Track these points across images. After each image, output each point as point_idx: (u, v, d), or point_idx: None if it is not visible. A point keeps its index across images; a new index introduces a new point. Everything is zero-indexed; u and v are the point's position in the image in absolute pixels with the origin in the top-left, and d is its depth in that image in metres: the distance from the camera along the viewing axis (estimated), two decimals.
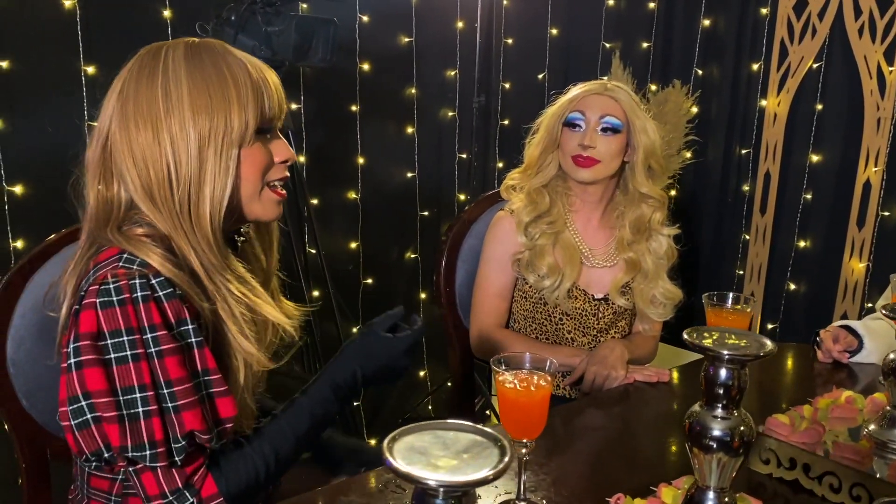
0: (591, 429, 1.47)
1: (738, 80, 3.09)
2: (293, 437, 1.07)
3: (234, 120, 1.03)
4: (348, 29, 2.68)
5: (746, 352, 0.87)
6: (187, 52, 1.05)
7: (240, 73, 1.05)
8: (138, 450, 0.92)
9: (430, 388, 3.11)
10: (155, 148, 1.02)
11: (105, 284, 0.95)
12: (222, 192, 1.04)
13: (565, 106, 1.74)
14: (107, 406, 0.92)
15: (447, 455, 0.61)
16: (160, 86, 1.02)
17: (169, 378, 0.94)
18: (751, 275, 3.06)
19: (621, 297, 1.76)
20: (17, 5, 2.06)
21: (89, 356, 0.92)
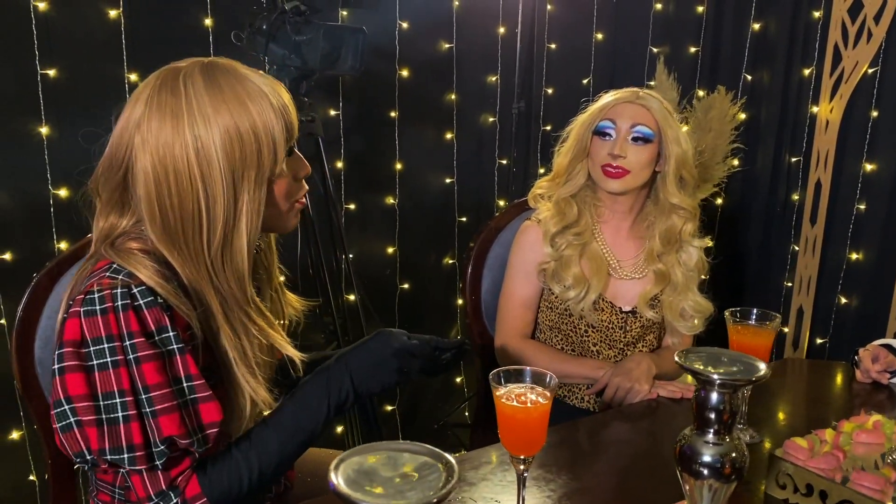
0: (606, 444, 1.44)
1: (788, 86, 2.98)
2: (278, 445, 1.06)
3: (265, 157, 1.03)
4: (388, 35, 2.69)
5: (738, 376, 0.84)
6: (206, 81, 1.03)
7: (261, 100, 1.04)
8: (116, 453, 0.95)
9: (467, 394, 3.10)
10: (186, 188, 1.02)
11: (90, 294, 0.99)
12: (257, 226, 1.05)
13: (595, 114, 1.71)
14: (86, 410, 0.95)
15: (393, 476, 0.60)
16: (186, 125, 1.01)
17: (146, 384, 0.96)
18: (799, 287, 2.96)
19: (650, 310, 1.72)
20: (64, 15, 2.14)
21: (71, 362, 0.96)
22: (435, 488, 0.59)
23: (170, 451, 0.97)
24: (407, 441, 0.65)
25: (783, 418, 1.53)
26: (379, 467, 0.62)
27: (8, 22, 2.08)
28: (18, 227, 2.18)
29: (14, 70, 2.11)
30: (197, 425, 1.00)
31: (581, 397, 1.76)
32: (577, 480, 1.24)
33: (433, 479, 0.60)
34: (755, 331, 1.43)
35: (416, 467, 0.62)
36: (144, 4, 2.24)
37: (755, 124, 3.10)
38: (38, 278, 1.40)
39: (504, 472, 1.25)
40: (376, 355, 1.11)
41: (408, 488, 0.59)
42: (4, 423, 2.24)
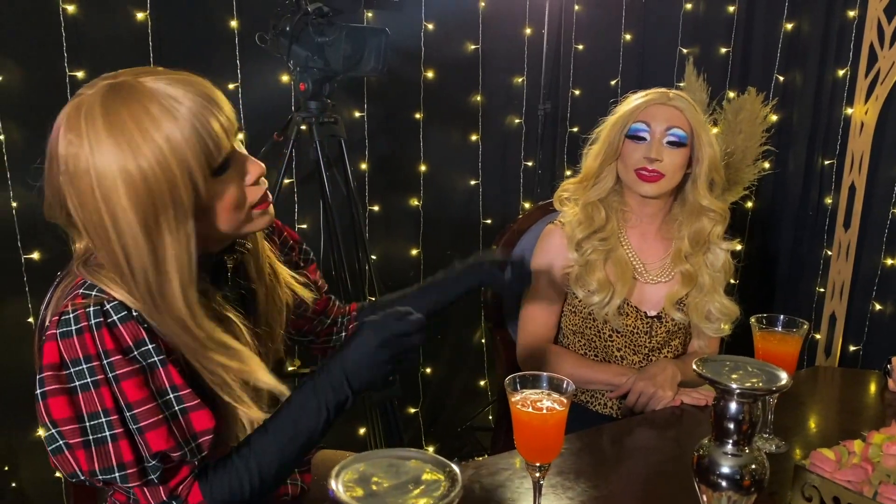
0: (626, 452, 1.42)
1: (821, 87, 2.92)
2: (278, 450, 1.03)
3: (181, 191, 0.94)
4: (413, 37, 2.69)
5: (758, 386, 0.81)
6: (104, 115, 0.92)
7: (168, 124, 0.93)
8: (107, 472, 0.93)
9: (491, 397, 3.08)
10: (104, 237, 0.95)
11: (65, 315, 0.96)
12: (188, 264, 0.97)
13: (627, 116, 1.67)
14: (73, 433, 0.93)
15: (394, 486, 0.59)
16: (91, 167, 0.92)
17: (129, 401, 0.94)
18: (832, 293, 2.89)
19: (677, 312, 1.69)
20: (92, 18, 2.17)
21: (53, 386, 0.93)
22: (436, 498, 0.57)
23: (163, 464, 0.96)
24: (411, 448, 0.63)
25: (813, 427, 1.49)
26: (380, 475, 0.60)
27: (38, 24, 2.11)
28: (46, 228, 2.19)
29: (43, 72, 2.14)
30: (189, 435, 0.98)
31: (604, 403, 1.73)
32: (595, 489, 1.22)
33: (435, 487, 0.59)
34: (782, 338, 1.40)
35: (418, 476, 0.60)
36: (171, 7, 2.26)
37: (787, 126, 3.03)
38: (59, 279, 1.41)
39: (522, 478, 1.24)
40: (364, 350, 1.04)
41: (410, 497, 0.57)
42: (31, 421, 2.27)
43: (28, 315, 2.21)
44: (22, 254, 2.18)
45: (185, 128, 0.94)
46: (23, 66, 2.11)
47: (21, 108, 2.13)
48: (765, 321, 1.41)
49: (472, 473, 1.24)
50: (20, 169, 2.15)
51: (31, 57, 2.12)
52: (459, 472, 0.60)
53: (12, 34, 2.08)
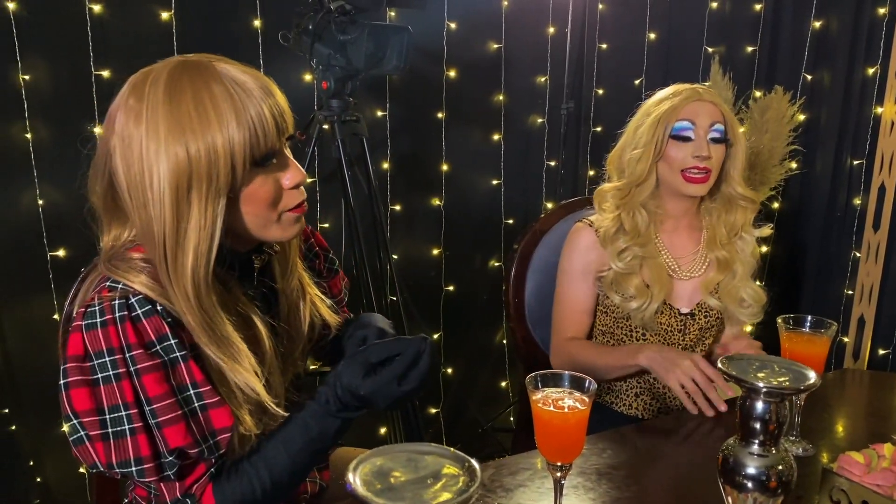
0: (650, 453, 1.39)
1: (850, 86, 2.87)
2: (288, 457, 1.03)
3: (219, 166, 0.95)
4: (436, 36, 2.68)
5: (785, 385, 0.79)
6: (168, 86, 0.96)
7: (225, 108, 0.95)
8: (123, 466, 0.93)
9: (512, 398, 3.06)
10: (140, 194, 0.97)
11: (91, 307, 0.97)
12: (208, 244, 0.97)
13: (668, 114, 1.61)
14: (92, 425, 0.93)
15: (413, 480, 0.58)
16: (143, 128, 0.95)
17: (148, 396, 0.94)
18: (861, 296, 2.84)
19: (712, 299, 1.67)
20: (118, 17, 2.19)
21: (75, 377, 0.94)
22: (455, 492, 0.56)
23: (180, 461, 0.96)
24: (429, 443, 0.62)
25: (840, 431, 1.46)
26: (399, 469, 0.59)
27: (64, 24, 2.14)
28: (72, 225, 2.21)
29: (69, 71, 2.16)
30: (207, 432, 0.98)
31: (629, 404, 1.71)
32: (618, 489, 1.20)
33: (453, 482, 0.58)
34: (809, 339, 1.37)
35: (438, 471, 0.59)
36: (195, 6, 2.28)
37: (815, 125, 2.99)
38: (85, 273, 1.42)
39: (543, 478, 1.22)
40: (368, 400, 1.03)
41: (428, 491, 0.57)
42: (56, 417, 2.28)
43: (54, 312, 2.24)
44: (48, 251, 2.21)
45: (238, 111, 0.96)
46: (50, 66, 2.14)
47: (48, 106, 2.16)
48: (792, 321, 1.38)
49: (492, 473, 1.23)
50: (47, 167, 2.17)
51: (57, 56, 2.15)
52: (478, 467, 0.59)
53: (40, 34, 2.11)
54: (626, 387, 1.71)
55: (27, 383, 2.24)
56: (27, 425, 2.26)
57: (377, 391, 1.01)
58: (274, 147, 1.01)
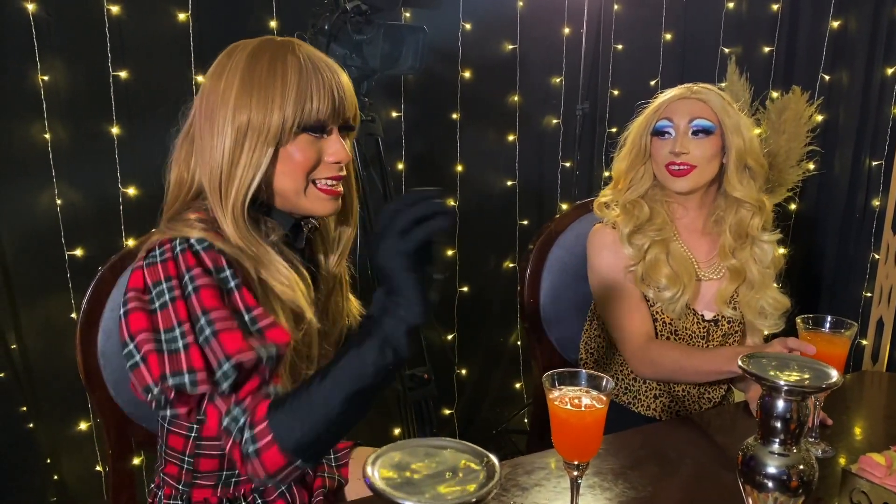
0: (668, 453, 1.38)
1: (869, 86, 2.84)
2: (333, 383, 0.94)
3: (272, 120, 1.07)
4: (451, 37, 2.68)
5: (807, 383, 0.79)
6: (253, 51, 1.10)
7: (291, 74, 1.08)
8: (177, 376, 0.94)
9: (526, 400, 3.06)
10: (208, 138, 1.09)
11: (152, 250, 1.04)
12: (248, 182, 1.09)
13: (651, 115, 1.66)
14: (147, 341, 0.96)
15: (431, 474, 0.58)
16: (221, 83, 1.09)
17: (205, 307, 0.97)
18: (879, 298, 2.80)
19: (729, 309, 1.65)
20: (135, 18, 2.20)
21: (134, 304, 0.99)
22: (474, 487, 0.56)
23: (235, 373, 0.94)
24: (448, 438, 0.62)
25: (859, 433, 1.44)
26: (417, 463, 0.59)
27: (82, 25, 2.16)
28: (89, 225, 2.25)
29: (87, 72, 2.18)
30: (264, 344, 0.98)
31: (647, 405, 1.70)
32: (634, 489, 1.19)
33: (473, 478, 0.57)
34: (829, 339, 1.35)
35: (456, 465, 0.59)
36: (212, 7, 2.29)
37: (833, 126, 2.96)
38: (102, 272, 1.43)
39: (559, 478, 1.22)
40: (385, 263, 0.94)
41: (447, 486, 0.56)
42: (73, 415, 2.31)
43: (71, 311, 2.25)
44: (66, 250, 2.22)
45: (302, 78, 1.08)
46: (68, 66, 2.16)
47: (66, 107, 2.17)
48: (811, 321, 1.36)
49: (508, 472, 1.23)
50: (65, 167, 2.19)
51: (76, 57, 2.17)
52: (497, 462, 0.59)
53: (58, 35, 2.13)
54: (644, 388, 1.70)
55: (44, 382, 2.26)
56: (44, 424, 2.28)
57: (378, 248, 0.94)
58: (324, 121, 1.10)
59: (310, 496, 1.27)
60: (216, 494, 1.19)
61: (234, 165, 1.09)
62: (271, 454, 0.92)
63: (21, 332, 2.22)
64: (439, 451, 0.61)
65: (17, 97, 2.11)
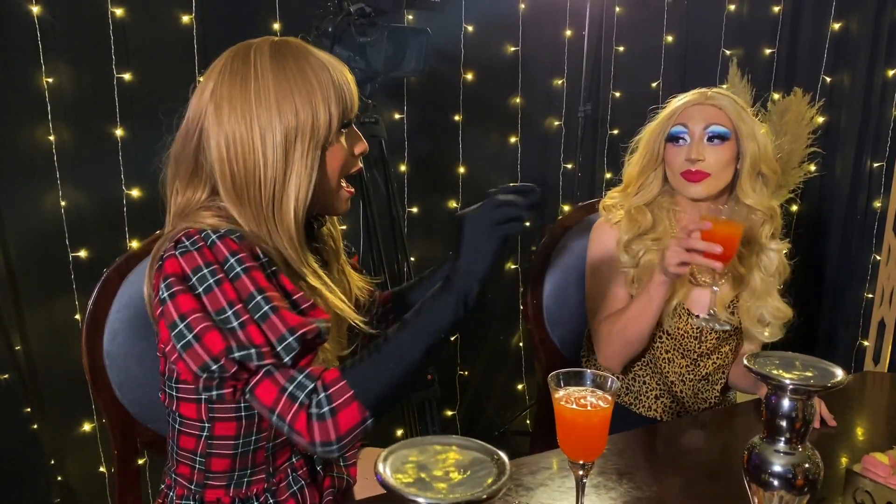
0: (672, 453, 1.39)
1: (870, 88, 2.85)
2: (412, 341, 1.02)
3: (320, 121, 1.08)
4: (453, 39, 2.69)
5: (812, 382, 0.79)
6: (272, 53, 1.09)
7: (322, 73, 1.09)
8: (243, 349, 0.95)
9: (529, 401, 3.06)
10: (248, 146, 1.07)
11: (181, 241, 1.04)
12: (307, 190, 1.09)
13: (665, 121, 1.64)
14: (202, 320, 0.97)
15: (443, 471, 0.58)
16: (252, 90, 1.07)
17: (260, 286, 0.99)
18: (881, 299, 2.81)
19: (726, 313, 1.65)
20: (139, 21, 2.21)
21: (178, 287, 0.99)
22: (485, 485, 0.56)
23: (298, 345, 0.97)
24: (458, 436, 0.63)
25: (862, 434, 1.45)
26: (429, 461, 0.60)
27: (87, 28, 2.16)
28: (93, 226, 2.25)
29: (91, 73, 2.19)
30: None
31: (648, 406, 1.70)
32: (639, 489, 1.20)
33: (483, 475, 0.58)
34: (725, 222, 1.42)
35: (466, 463, 0.59)
36: (215, 10, 2.30)
37: (834, 128, 2.97)
38: (108, 274, 1.44)
39: (563, 478, 1.22)
40: (475, 245, 1.06)
41: (457, 483, 0.57)
42: (77, 416, 2.31)
43: (75, 312, 2.26)
44: (70, 252, 2.23)
45: (334, 77, 1.10)
46: (72, 69, 2.17)
47: (71, 109, 2.18)
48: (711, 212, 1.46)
49: (512, 472, 1.23)
50: (70, 169, 2.20)
51: (80, 59, 2.17)
52: (507, 459, 0.59)
53: (63, 37, 2.14)
54: (645, 388, 1.71)
55: (49, 383, 2.26)
56: (49, 424, 2.29)
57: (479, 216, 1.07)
58: (353, 116, 1.14)
59: (320, 496, 1.28)
60: (228, 494, 1.20)
61: (288, 172, 1.08)
62: (349, 412, 0.96)
63: (25, 333, 2.22)
64: (449, 449, 0.61)
65: (22, 99, 2.12)
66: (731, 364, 1.73)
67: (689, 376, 1.68)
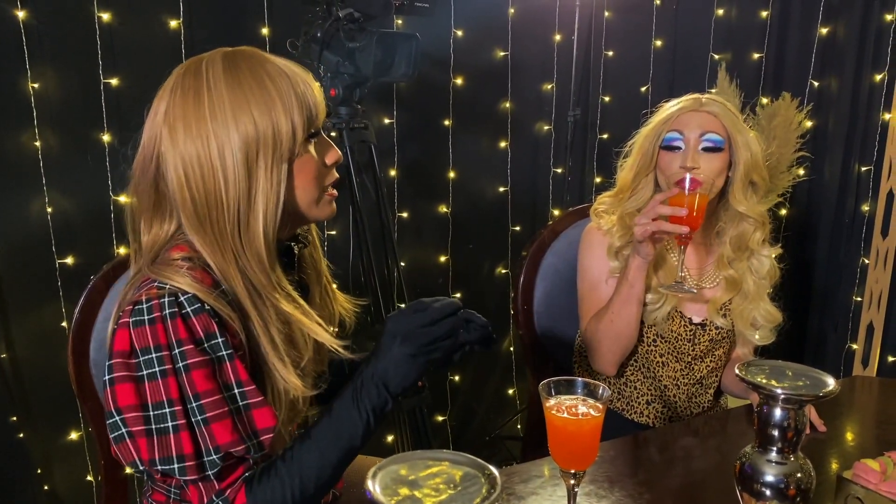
0: (664, 460, 1.39)
1: (858, 92, 2.86)
2: (319, 458, 1.01)
3: (282, 132, 1.02)
4: (442, 44, 2.69)
5: (803, 391, 0.79)
6: (226, 65, 1.02)
7: (281, 80, 1.03)
8: (166, 463, 0.93)
9: (519, 406, 3.05)
10: (207, 166, 1.01)
11: (139, 305, 0.98)
12: (275, 207, 1.03)
13: (659, 126, 1.63)
14: (136, 421, 0.93)
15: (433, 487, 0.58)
16: (206, 106, 1.00)
17: (196, 391, 0.94)
18: (869, 302, 2.82)
19: (721, 318, 1.65)
20: (127, 26, 2.20)
21: (121, 373, 0.95)
22: (476, 500, 0.56)
23: (222, 461, 0.95)
24: (448, 451, 0.62)
25: (852, 439, 1.45)
26: (419, 477, 0.59)
27: (73, 32, 2.14)
28: (80, 233, 2.23)
29: (78, 79, 2.17)
30: (251, 431, 0.98)
31: (640, 412, 1.70)
32: (630, 497, 1.19)
33: (474, 490, 0.57)
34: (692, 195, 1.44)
35: (457, 479, 0.59)
36: (204, 15, 2.29)
37: (822, 132, 2.98)
38: (94, 281, 1.42)
39: (555, 486, 1.22)
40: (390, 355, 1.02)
41: (448, 500, 0.56)
42: (64, 424, 2.29)
43: (62, 319, 2.24)
44: (56, 259, 2.21)
45: (294, 85, 1.04)
46: (59, 74, 2.15)
47: (57, 114, 2.16)
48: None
49: (504, 480, 1.22)
50: (56, 175, 2.18)
51: (66, 64, 2.15)
52: (499, 474, 0.58)
53: (49, 42, 2.12)
54: (637, 394, 1.71)
55: (35, 391, 2.24)
56: (35, 433, 2.26)
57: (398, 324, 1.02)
58: (319, 124, 1.09)
59: None
60: None
61: (252, 191, 1.02)
62: None
63: (11, 340, 2.20)
64: (440, 464, 0.60)
65: (7, 105, 2.10)
66: (724, 367, 1.73)
67: (684, 380, 1.68)
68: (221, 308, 1.00)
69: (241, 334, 1.02)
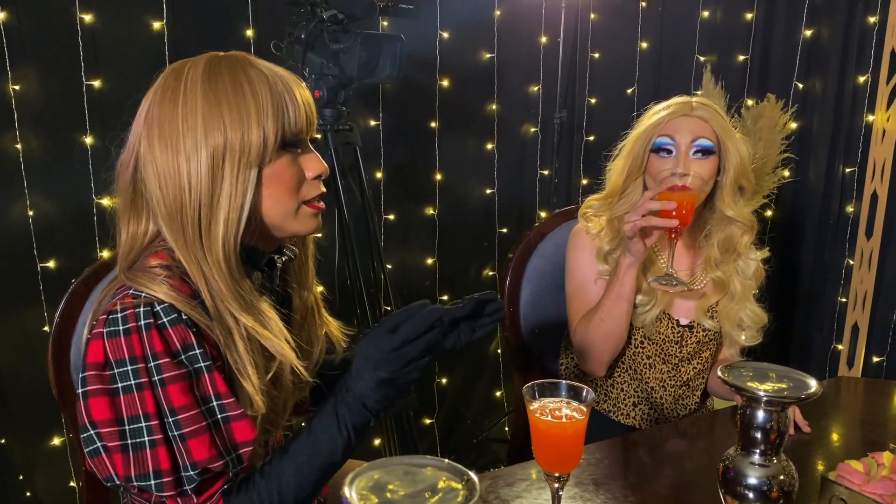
0: (649, 462, 1.38)
1: (842, 94, 2.88)
2: (296, 474, 1.00)
3: (251, 138, 1.00)
4: (428, 45, 2.68)
5: (786, 393, 0.79)
6: (207, 68, 1.01)
7: (260, 87, 1.01)
8: (142, 479, 0.91)
9: (507, 408, 3.05)
10: (173, 169, 1.00)
11: (113, 314, 0.95)
12: (238, 214, 1.01)
13: (650, 131, 1.61)
14: (112, 436, 0.91)
15: (410, 494, 0.57)
16: (180, 105, 1.00)
17: (173, 406, 0.92)
18: (854, 303, 2.84)
19: (708, 320, 1.65)
20: (109, 27, 2.18)
21: (95, 386, 0.92)
22: None
23: (200, 477, 0.94)
24: (428, 456, 0.61)
25: (837, 440, 1.45)
26: (397, 483, 0.58)
27: (55, 34, 2.12)
28: (63, 236, 2.21)
29: (60, 81, 2.15)
30: (230, 445, 0.96)
31: (626, 413, 1.70)
32: (615, 500, 1.19)
33: (452, 496, 0.56)
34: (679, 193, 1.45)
35: (435, 484, 0.58)
36: (187, 16, 2.27)
37: (807, 134, 3.00)
38: (76, 285, 1.41)
39: (540, 489, 1.21)
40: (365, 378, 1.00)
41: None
42: (46, 430, 2.27)
43: (43, 324, 2.21)
44: (38, 262, 2.18)
45: (273, 90, 1.02)
46: (40, 75, 2.13)
47: (38, 116, 2.14)
48: None
49: (489, 484, 1.22)
50: (38, 178, 2.16)
51: (48, 66, 2.13)
52: (477, 480, 0.58)
53: (30, 43, 2.10)
54: (623, 395, 1.71)
55: (17, 396, 2.21)
56: (17, 438, 2.24)
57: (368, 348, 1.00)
58: (301, 133, 1.06)
59: None
60: None
61: (215, 196, 1.00)
62: None
63: None
64: (419, 470, 0.60)
65: None
66: (711, 369, 1.73)
67: (671, 382, 1.68)
68: (199, 318, 0.98)
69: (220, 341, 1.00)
